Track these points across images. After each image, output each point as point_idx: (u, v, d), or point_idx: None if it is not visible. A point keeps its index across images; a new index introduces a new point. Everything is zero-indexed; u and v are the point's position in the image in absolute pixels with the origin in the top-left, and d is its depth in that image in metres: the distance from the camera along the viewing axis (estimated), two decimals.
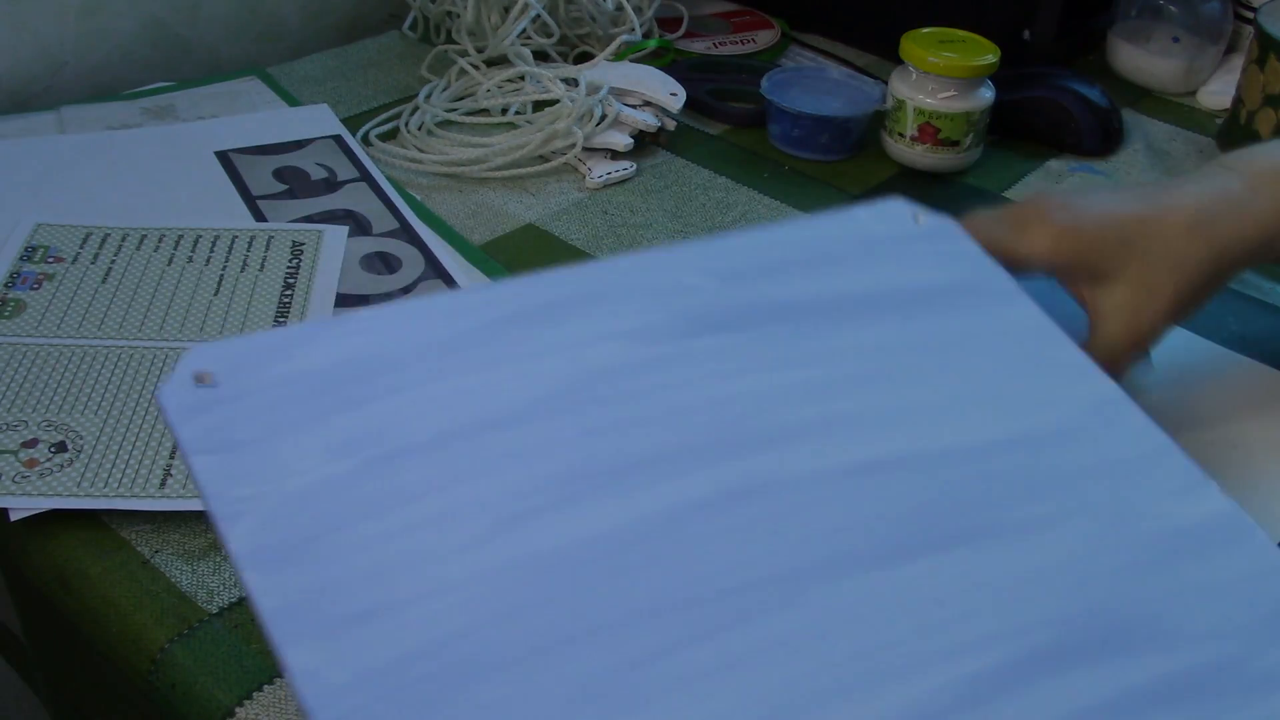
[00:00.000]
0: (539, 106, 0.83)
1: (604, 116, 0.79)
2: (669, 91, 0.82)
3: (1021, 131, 0.84)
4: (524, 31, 0.86)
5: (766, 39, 0.97)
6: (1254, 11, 0.85)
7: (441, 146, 0.79)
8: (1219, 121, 0.89)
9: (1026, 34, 0.90)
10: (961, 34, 0.78)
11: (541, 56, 0.88)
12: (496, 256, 0.70)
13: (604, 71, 0.84)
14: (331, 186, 0.74)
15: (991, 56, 0.76)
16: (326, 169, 0.76)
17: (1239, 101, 0.84)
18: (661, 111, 0.82)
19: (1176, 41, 0.92)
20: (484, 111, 0.83)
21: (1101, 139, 0.84)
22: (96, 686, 0.58)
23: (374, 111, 0.84)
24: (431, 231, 0.71)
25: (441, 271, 0.67)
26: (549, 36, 0.87)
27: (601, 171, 0.77)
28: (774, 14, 1.01)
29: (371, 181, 0.75)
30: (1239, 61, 0.86)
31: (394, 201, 0.73)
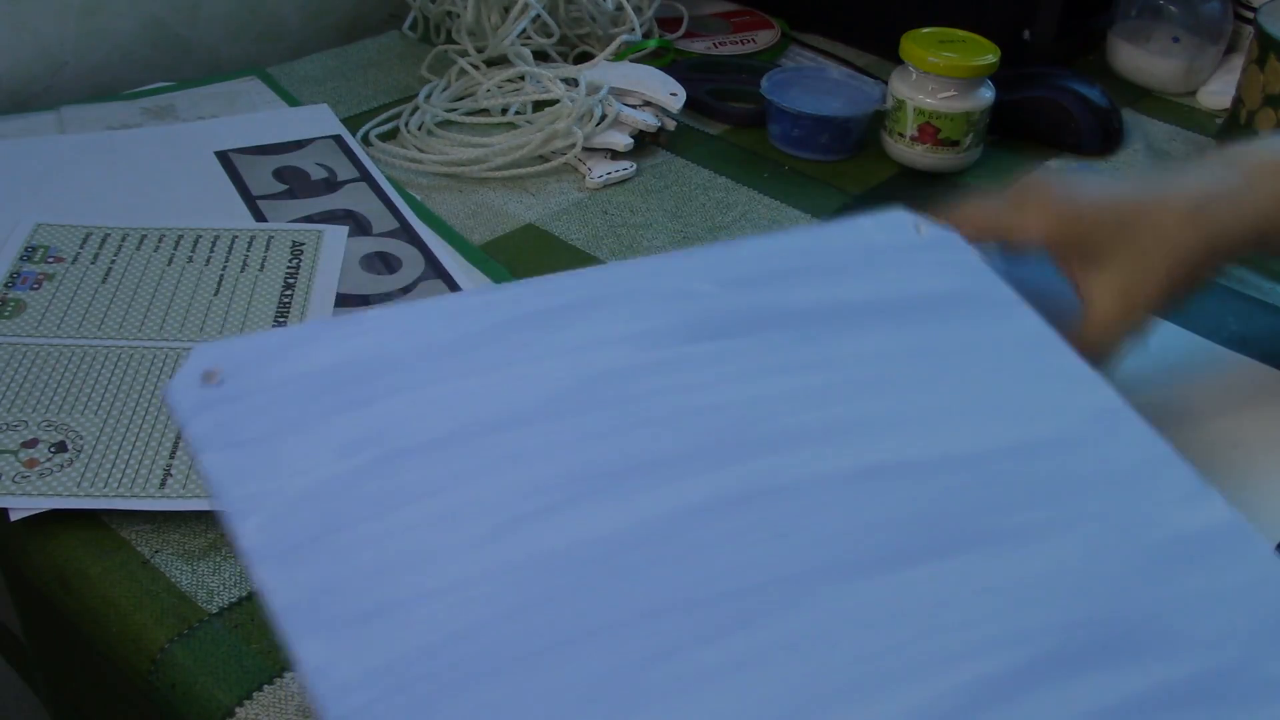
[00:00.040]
0: (539, 106, 0.83)
1: (604, 116, 0.79)
2: (669, 91, 0.82)
3: (1021, 131, 0.84)
4: (524, 31, 0.86)
5: (766, 39, 0.97)
6: (1254, 11, 0.85)
7: (441, 146, 0.79)
8: (1219, 121, 0.89)
9: (1026, 34, 0.90)
10: (961, 34, 0.78)
11: (541, 56, 0.88)
12: (496, 256, 0.70)
13: (604, 71, 0.84)
14: (331, 186, 0.74)
15: (991, 56, 0.76)
16: (326, 169, 0.76)
17: (1239, 101, 0.84)
18: (661, 111, 0.82)
19: (1176, 41, 0.92)
20: (484, 111, 0.83)
21: (1101, 139, 0.84)
22: (96, 686, 0.58)
23: (374, 111, 0.84)
24: (431, 231, 0.70)
25: (441, 271, 0.67)
26: (549, 36, 0.87)
27: (601, 171, 0.77)
28: (774, 14, 1.01)
29: (371, 181, 0.75)
30: (1239, 61, 0.86)
31: (394, 201, 0.73)
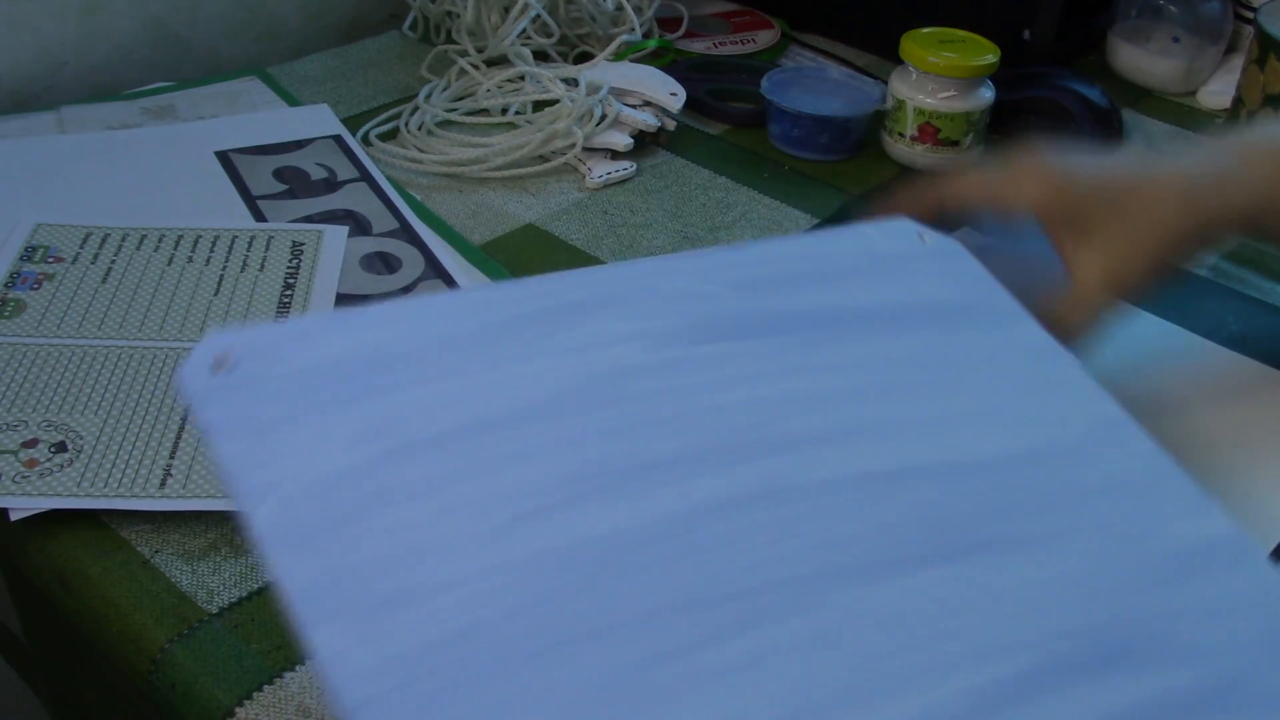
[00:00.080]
0: (539, 106, 0.83)
1: (604, 116, 0.79)
2: (669, 91, 0.82)
3: (1021, 131, 0.84)
4: (524, 31, 0.86)
5: (766, 39, 0.97)
6: (1254, 11, 0.85)
7: (441, 146, 0.79)
8: (1219, 121, 0.89)
9: (1026, 34, 0.90)
10: (961, 34, 0.78)
11: (541, 56, 0.88)
12: (496, 256, 0.70)
13: (604, 71, 0.84)
14: (331, 186, 0.74)
15: (991, 56, 0.76)
16: (326, 169, 0.76)
17: (1239, 101, 0.84)
18: (661, 111, 0.82)
19: (1176, 41, 0.92)
20: (484, 111, 0.83)
21: (1101, 139, 0.84)
22: (96, 686, 0.58)
23: (374, 111, 0.84)
24: (431, 231, 0.70)
25: (441, 271, 0.67)
26: (549, 36, 0.87)
27: (601, 171, 0.77)
28: (774, 14, 1.01)
29: (371, 181, 0.75)
30: (1239, 61, 0.86)
31: (394, 201, 0.73)
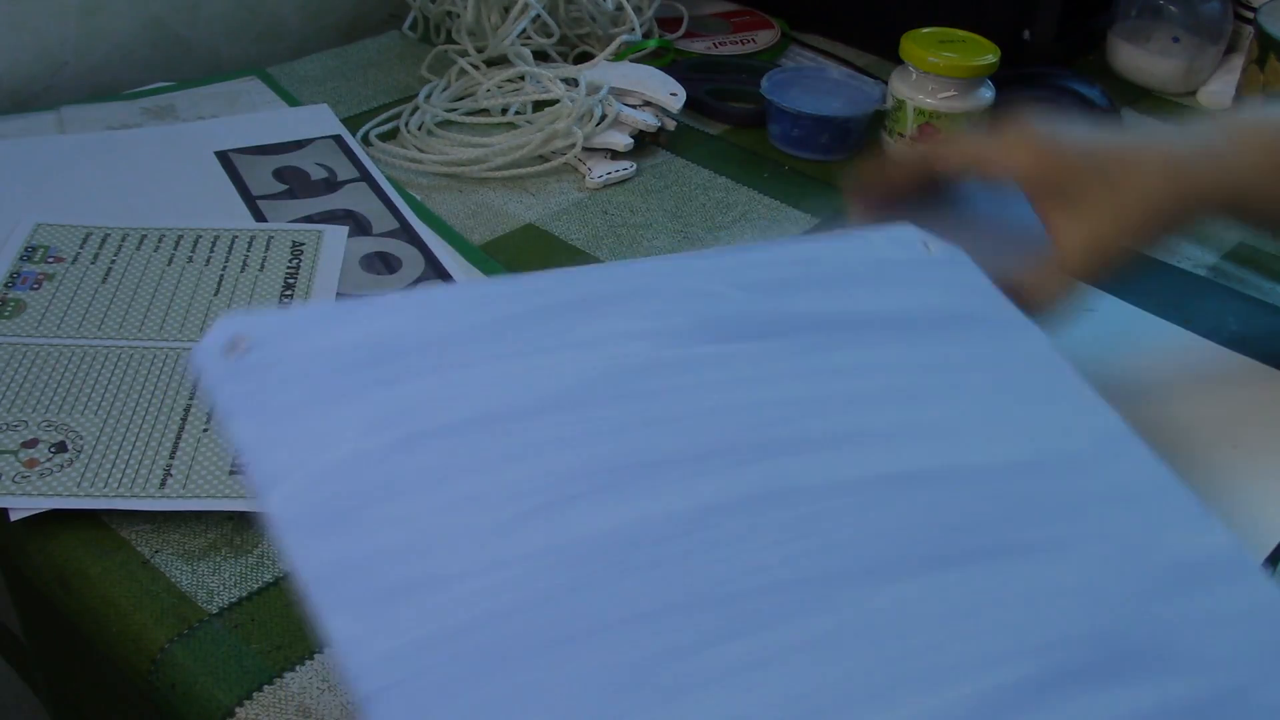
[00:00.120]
0: (539, 106, 0.83)
1: (604, 116, 0.79)
2: (669, 91, 0.82)
3: None
4: (524, 31, 0.86)
5: (766, 39, 0.97)
6: (1254, 11, 0.85)
7: (441, 146, 0.79)
8: None
9: (1026, 34, 0.90)
10: (961, 34, 0.78)
11: (541, 56, 0.88)
12: (496, 256, 0.70)
13: (604, 71, 0.84)
14: (331, 186, 0.74)
15: (991, 56, 0.76)
16: (326, 169, 0.76)
17: (1239, 101, 0.84)
18: (661, 111, 0.82)
19: (1176, 41, 0.92)
20: (484, 111, 0.83)
21: None
22: (96, 686, 0.58)
23: (374, 111, 0.84)
24: (431, 231, 0.70)
25: (441, 271, 0.67)
26: (549, 36, 0.88)
27: (601, 171, 0.77)
28: (774, 14, 1.01)
29: (371, 181, 0.75)
30: (1239, 61, 0.86)
31: (394, 201, 0.73)
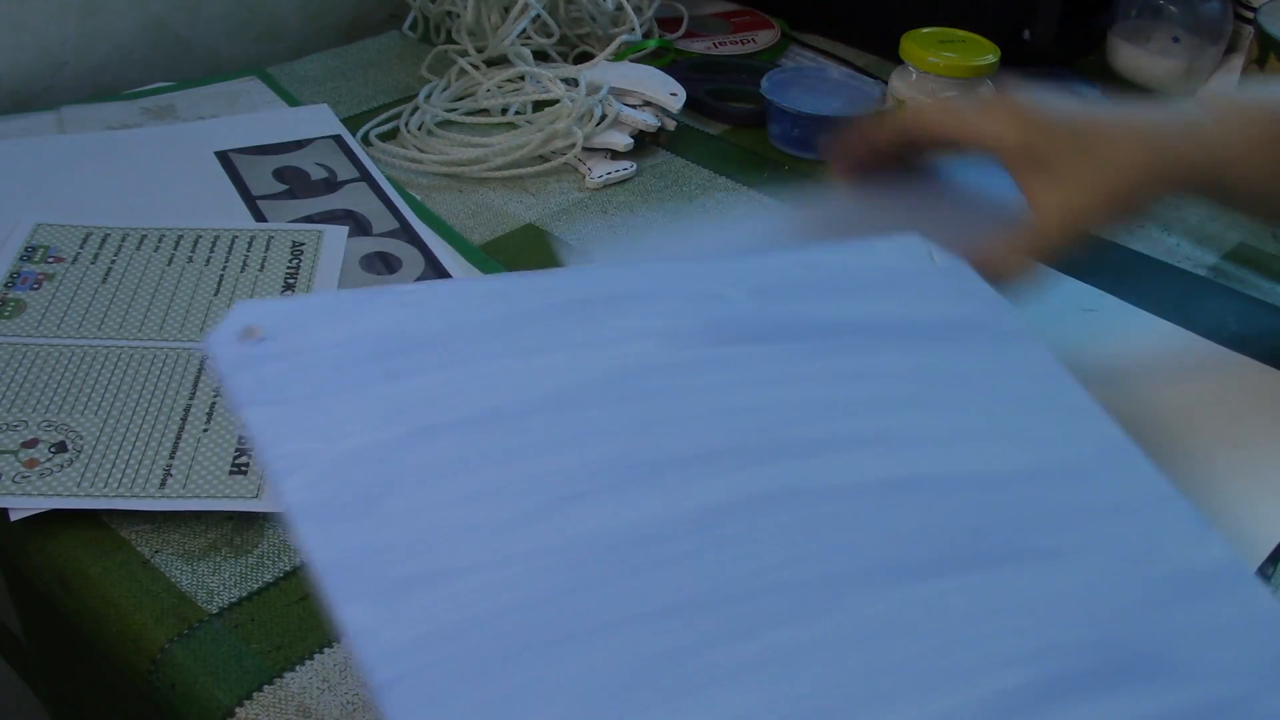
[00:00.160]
0: (539, 106, 0.83)
1: (604, 116, 0.79)
2: (669, 91, 0.82)
3: None
4: (524, 31, 0.86)
5: (766, 39, 0.97)
6: (1254, 11, 0.85)
7: (441, 146, 0.79)
8: None
9: (1026, 34, 0.90)
10: (961, 34, 0.78)
11: (541, 56, 0.88)
12: (496, 256, 0.70)
13: (604, 71, 0.84)
14: (331, 186, 0.74)
15: (991, 56, 0.76)
16: (326, 169, 0.76)
17: None
18: (661, 111, 0.82)
19: (1176, 41, 0.92)
20: (484, 111, 0.83)
21: None
22: (96, 686, 0.58)
23: (374, 111, 0.84)
24: (431, 231, 0.71)
25: (441, 271, 0.67)
26: (549, 36, 0.88)
27: (601, 171, 0.77)
28: (774, 14, 1.01)
29: (371, 181, 0.75)
30: (1239, 61, 0.86)
31: (394, 201, 0.73)
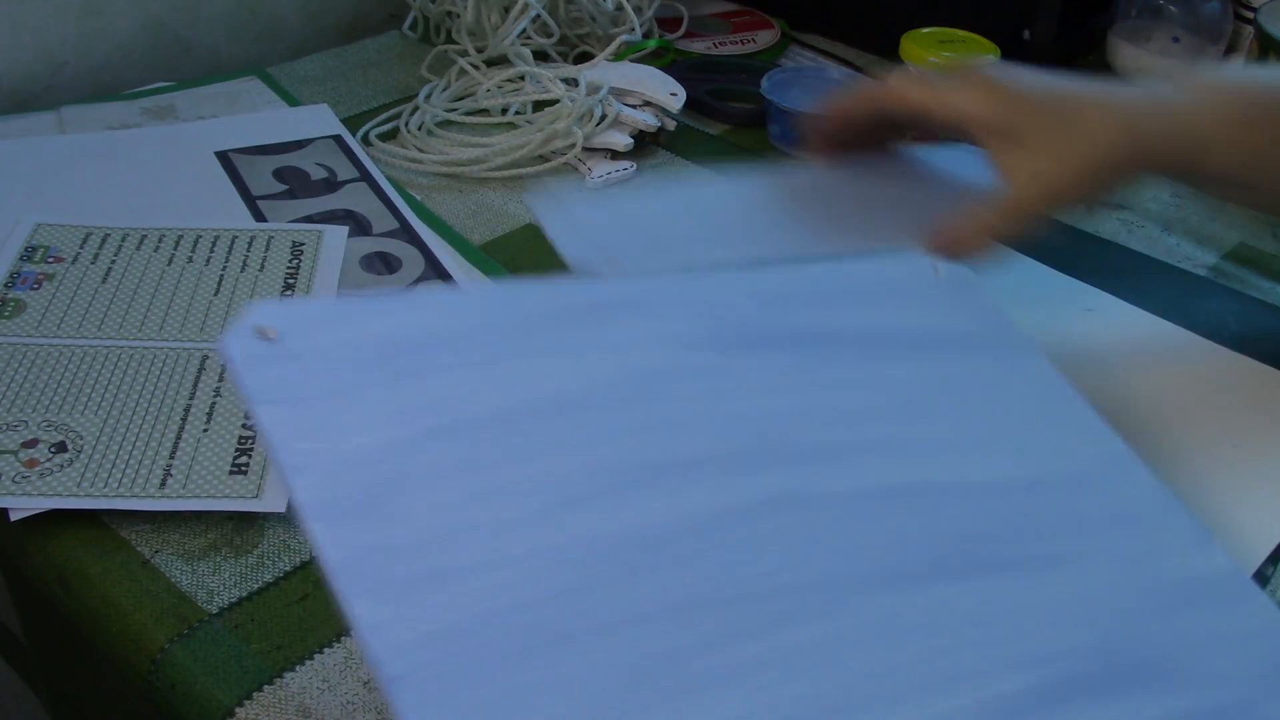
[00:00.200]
0: (539, 106, 0.82)
1: (604, 116, 0.79)
2: (669, 91, 0.82)
3: None
4: (524, 31, 0.86)
5: (766, 39, 0.97)
6: (1254, 11, 0.85)
7: (441, 146, 0.79)
8: None
9: (1026, 34, 0.90)
10: (961, 34, 0.78)
11: (541, 56, 0.88)
12: (496, 256, 0.70)
13: (604, 71, 0.84)
14: (331, 186, 0.74)
15: (991, 56, 0.76)
16: (326, 169, 0.76)
17: None
18: (661, 111, 0.82)
19: (1176, 41, 0.92)
20: (484, 111, 0.83)
21: None
22: (96, 686, 0.58)
23: (374, 111, 0.84)
24: (431, 231, 0.70)
25: (441, 271, 0.67)
26: (549, 36, 0.88)
27: (601, 171, 0.77)
28: (774, 14, 1.01)
29: (371, 181, 0.75)
30: (1239, 61, 0.86)
31: (394, 201, 0.73)
